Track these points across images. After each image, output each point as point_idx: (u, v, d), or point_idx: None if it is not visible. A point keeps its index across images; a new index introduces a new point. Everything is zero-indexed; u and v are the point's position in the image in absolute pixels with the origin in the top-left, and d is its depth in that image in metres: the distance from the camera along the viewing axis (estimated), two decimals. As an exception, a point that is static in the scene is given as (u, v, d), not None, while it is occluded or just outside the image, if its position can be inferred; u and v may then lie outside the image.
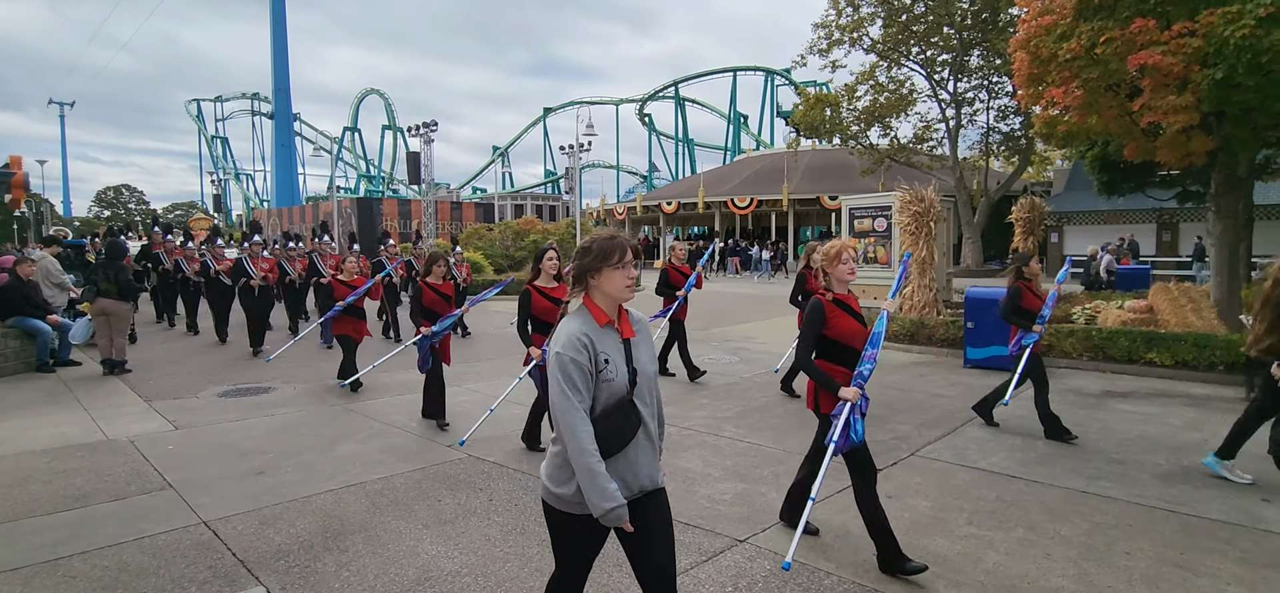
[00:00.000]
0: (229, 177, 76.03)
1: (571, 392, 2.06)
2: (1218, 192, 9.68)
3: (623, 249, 2.19)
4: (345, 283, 7.95)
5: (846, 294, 3.58)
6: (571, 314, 2.22)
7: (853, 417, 3.35)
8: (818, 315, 3.50)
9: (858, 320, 3.53)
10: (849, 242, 3.51)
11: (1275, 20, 6.92)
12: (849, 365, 3.47)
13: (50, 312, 9.18)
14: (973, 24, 22.20)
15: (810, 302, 3.57)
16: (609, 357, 2.13)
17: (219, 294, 11.33)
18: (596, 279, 2.20)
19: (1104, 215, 24.23)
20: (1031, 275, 6.00)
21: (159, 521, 4.12)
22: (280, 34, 60.43)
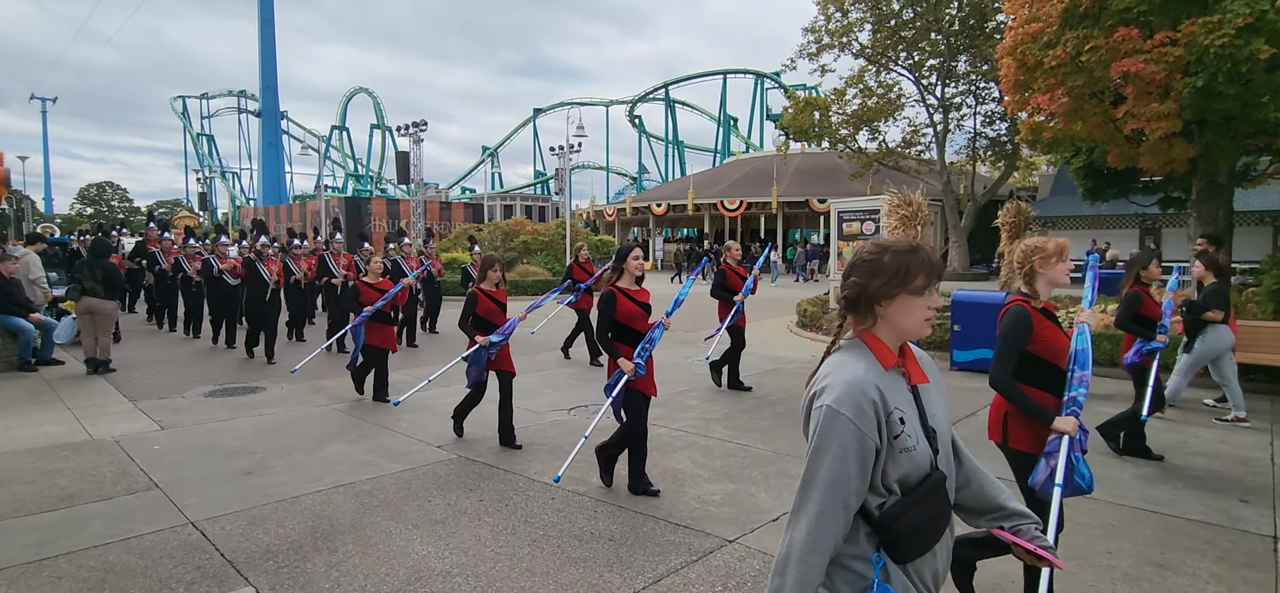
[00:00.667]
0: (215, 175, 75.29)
1: (838, 486, 1.38)
2: (1199, 198, 9.85)
3: (929, 268, 1.52)
4: (373, 285, 7.21)
5: (1050, 302, 3.01)
6: (845, 350, 1.55)
7: (1074, 455, 2.74)
8: (1023, 326, 2.88)
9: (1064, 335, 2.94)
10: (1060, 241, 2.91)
11: (1253, 30, 7.06)
12: (1056, 390, 2.86)
13: (33, 310, 9.06)
14: (960, 30, 22.42)
15: (1012, 310, 2.95)
16: (903, 414, 1.46)
17: (223, 296, 10.65)
18: (887, 308, 1.53)
19: (1088, 220, 24.54)
20: (1149, 281, 5.50)
21: (146, 521, 4.10)
22: (268, 31, 59.94)
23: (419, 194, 30.69)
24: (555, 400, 7.30)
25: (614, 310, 4.37)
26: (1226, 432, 6.09)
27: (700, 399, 7.34)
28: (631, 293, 4.51)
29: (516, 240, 24.46)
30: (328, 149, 75.45)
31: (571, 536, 3.92)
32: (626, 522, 4.11)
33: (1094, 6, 8.16)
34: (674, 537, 3.91)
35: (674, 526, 4.06)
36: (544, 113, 71.30)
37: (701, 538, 3.89)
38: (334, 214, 37.00)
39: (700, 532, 3.97)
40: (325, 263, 10.73)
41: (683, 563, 3.60)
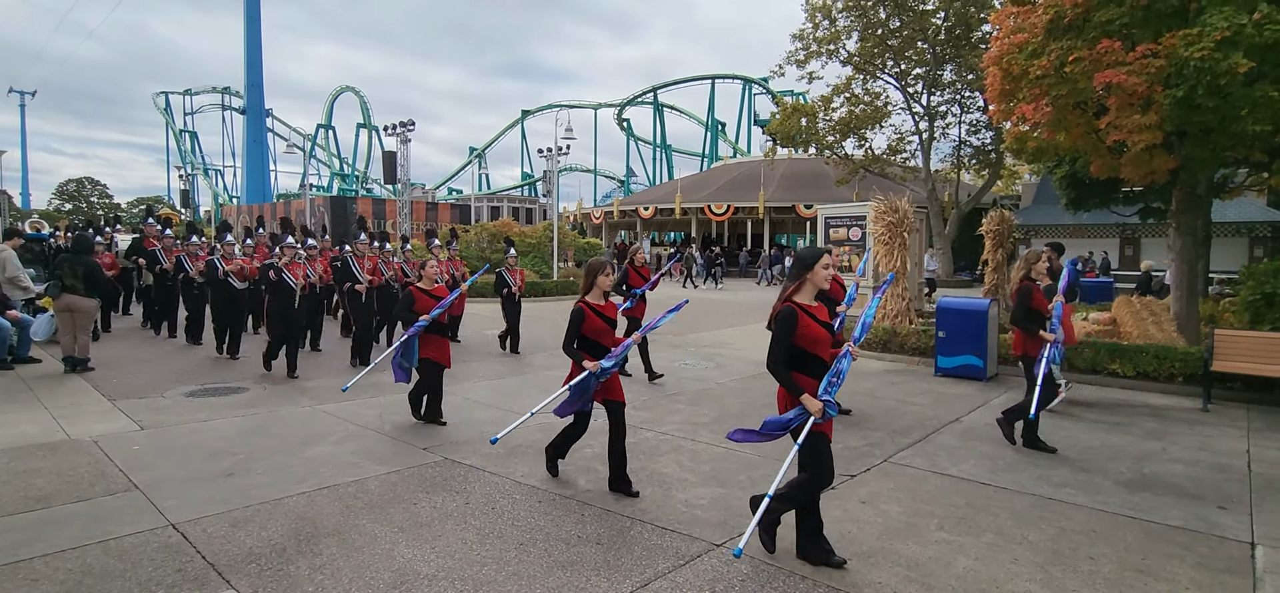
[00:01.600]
0: (197, 172, 74.32)
1: None
2: (1178, 209, 10.00)
3: None
4: (428, 292, 6.27)
5: None
6: None
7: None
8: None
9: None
10: None
11: (1232, 43, 7.18)
12: None
13: (9, 307, 8.89)
14: (946, 40, 22.67)
15: None
16: None
17: (228, 302, 9.71)
18: None
19: (1070, 229, 24.87)
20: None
21: (125, 522, 4.03)
22: (254, 27, 59.37)
23: (405, 195, 30.50)
24: (542, 403, 7.26)
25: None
26: (1204, 438, 6.19)
27: (686, 403, 7.34)
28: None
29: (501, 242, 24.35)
30: (313, 148, 74.80)
31: (559, 539, 3.90)
32: (614, 525, 4.10)
33: (1078, 18, 8.26)
34: (661, 541, 3.91)
35: (661, 529, 4.05)
36: (532, 115, 71.24)
37: (689, 542, 3.89)
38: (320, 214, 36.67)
39: (687, 536, 3.97)
40: (347, 266, 9.61)
41: (670, 567, 3.59)
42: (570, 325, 4.51)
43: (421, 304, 6.18)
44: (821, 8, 22.92)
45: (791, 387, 3.43)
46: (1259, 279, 8.40)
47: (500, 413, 6.79)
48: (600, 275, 4.66)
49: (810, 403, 3.41)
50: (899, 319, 11.03)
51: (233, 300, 9.76)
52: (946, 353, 9.03)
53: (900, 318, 11.06)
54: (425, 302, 6.20)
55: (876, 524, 4.19)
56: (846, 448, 5.73)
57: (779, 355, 3.48)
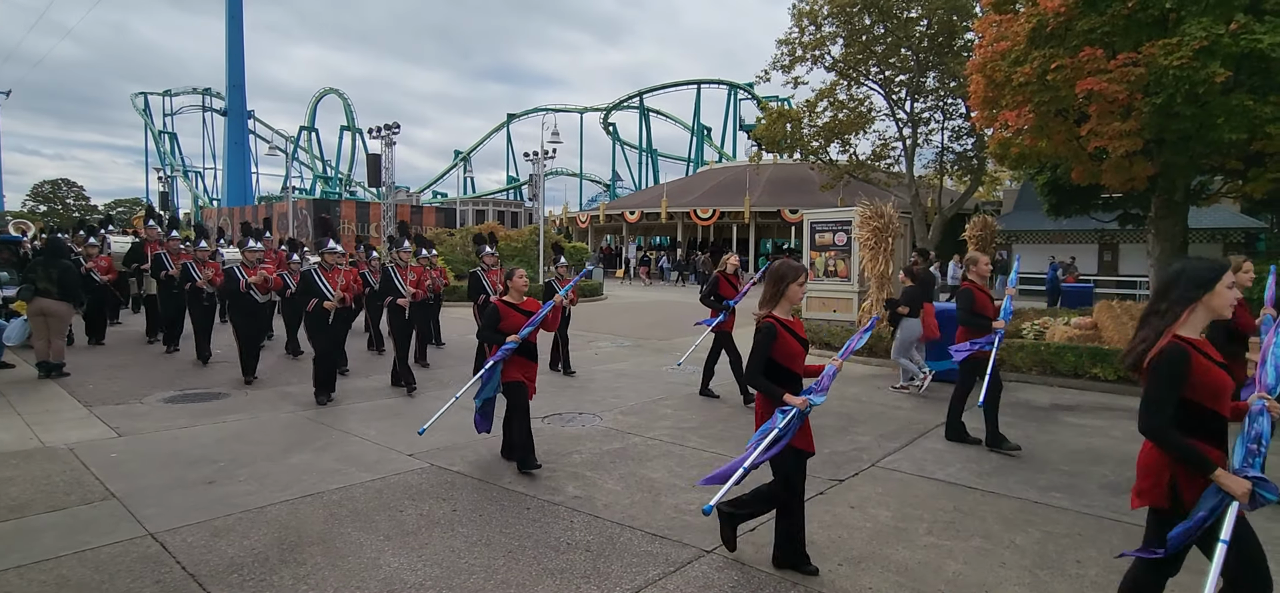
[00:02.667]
0: (177, 173, 73.26)
1: None
2: (1157, 215, 10.18)
3: None
4: (516, 307, 5.25)
5: None
6: None
7: None
8: None
9: None
10: None
11: (1209, 53, 7.33)
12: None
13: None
14: (929, 47, 22.90)
15: None
16: None
17: (249, 316, 8.65)
18: None
19: (1050, 235, 25.23)
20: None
21: (102, 532, 3.93)
22: (236, 27, 58.71)
23: (390, 197, 30.27)
24: (529, 408, 7.21)
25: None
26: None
27: (675, 408, 7.33)
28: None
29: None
30: (296, 150, 74.06)
31: (547, 546, 3.86)
32: (603, 532, 4.07)
33: (1060, 27, 8.39)
34: (651, 547, 3.88)
35: (651, 536, 4.03)
36: (518, 118, 71.05)
37: (679, 548, 3.87)
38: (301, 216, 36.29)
39: (677, 542, 3.95)
40: (388, 277, 8.38)
41: (660, 574, 3.57)
42: (755, 348, 3.47)
43: (510, 321, 5.15)
44: (808, 13, 23.08)
45: (772, 393, 3.39)
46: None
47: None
48: (793, 284, 3.54)
49: (793, 399, 3.34)
50: (884, 324, 11.09)
51: (255, 315, 8.77)
52: (933, 357, 9.08)
53: (885, 323, 11.12)
54: (514, 319, 5.16)
55: (866, 529, 4.19)
56: (835, 453, 5.74)
57: (758, 366, 3.46)
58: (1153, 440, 2.49)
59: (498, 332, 5.13)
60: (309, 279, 7.49)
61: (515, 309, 5.23)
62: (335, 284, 7.42)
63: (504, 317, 5.17)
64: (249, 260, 8.75)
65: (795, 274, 3.57)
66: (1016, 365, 9.20)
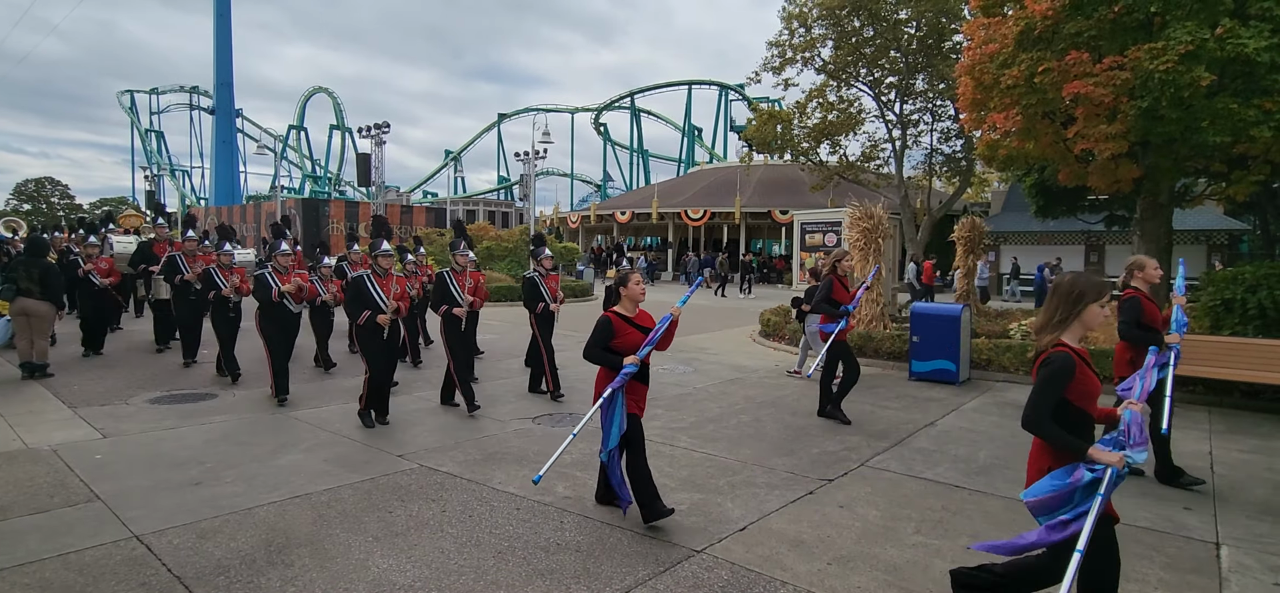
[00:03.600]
0: (164, 172, 72.58)
1: None
2: (1142, 216, 10.29)
3: None
4: (632, 321, 4.21)
5: None
6: None
7: None
8: None
9: None
10: None
11: (1194, 57, 7.42)
12: None
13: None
14: (918, 49, 23.04)
15: None
16: None
17: (283, 327, 7.60)
18: None
19: (1037, 236, 25.45)
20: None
21: (86, 535, 3.89)
22: (224, 25, 58.21)
23: (380, 197, 30.12)
24: (519, 410, 7.21)
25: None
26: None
27: (665, 408, 7.33)
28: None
29: (479, 246, 24.16)
30: (285, 149, 73.56)
31: (537, 547, 3.86)
32: (593, 532, 4.07)
33: (1047, 30, 8.47)
34: (641, 547, 3.88)
35: (641, 536, 4.03)
36: (509, 118, 70.94)
37: (669, 549, 3.87)
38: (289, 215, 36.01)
39: (667, 542, 3.95)
40: (445, 284, 7.35)
41: (650, 574, 3.57)
42: (1044, 385, 2.75)
43: (625, 339, 4.12)
44: (798, 16, 23.17)
45: (1072, 447, 2.70)
46: (1218, 286, 8.66)
47: (481, 420, 6.71)
48: (1093, 304, 2.81)
49: (1103, 455, 2.64)
50: (874, 324, 11.16)
51: (288, 327, 7.68)
52: (920, 358, 9.14)
53: (875, 323, 11.19)
54: (630, 336, 4.14)
55: (855, 528, 4.21)
56: (824, 452, 5.77)
57: (1045, 410, 2.77)
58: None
59: (609, 352, 4.10)
60: (360, 287, 6.49)
61: (630, 324, 4.19)
62: (388, 292, 6.51)
63: (618, 332, 4.14)
64: (280, 265, 7.61)
65: (1097, 291, 2.79)
66: (1004, 366, 9.27)
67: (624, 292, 4.22)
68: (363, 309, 6.38)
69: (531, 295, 7.93)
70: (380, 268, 6.64)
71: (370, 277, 6.54)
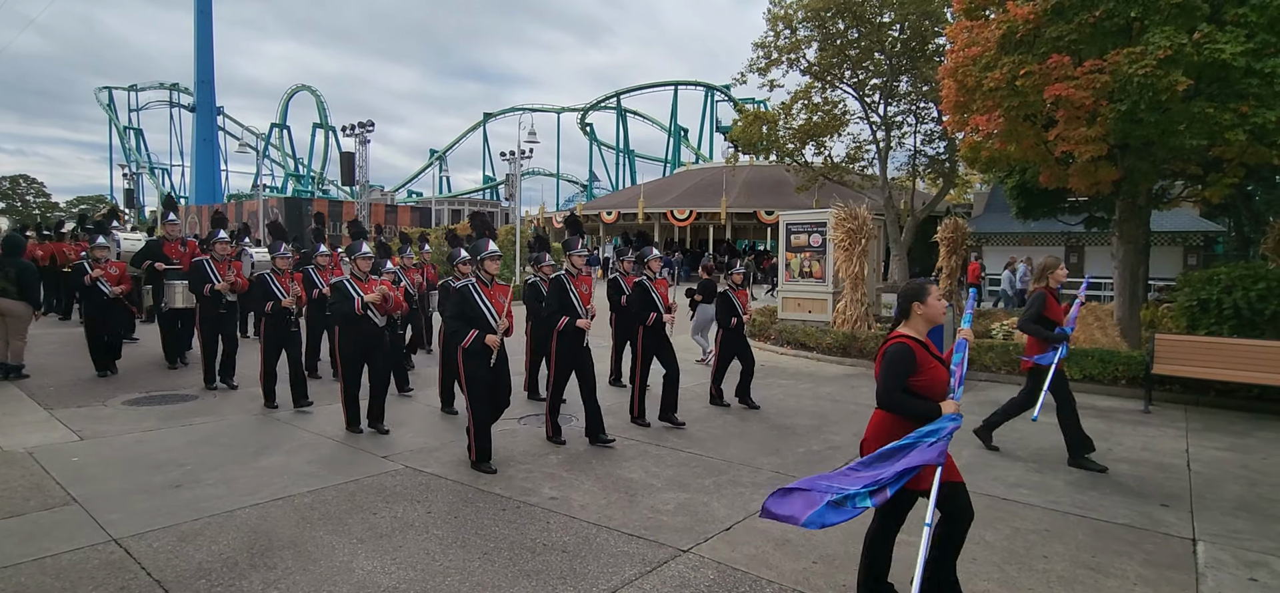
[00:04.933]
0: (143, 171, 71.48)
1: None
2: (1121, 218, 10.43)
3: None
4: (932, 350, 3.14)
5: None
6: None
7: None
8: None
9: None
10: None
11: (1172, 62, 7.53)
12: None
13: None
14: (902, 52, 23.21)
15: None
16: None
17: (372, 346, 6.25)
18: None
19: (1019, 237, 25.75)
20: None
21: (62, 539, 3.82)
22: (205, 22, 57.49)
23: (364, 196, 29.88)
24: (505, 409, 7.16)
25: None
26: (1146, 438, 6.45)
27: (651, 408, 7.32)
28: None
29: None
30: (267, 148, 72.76)
31: (524, 547, 3.84)
32: (580, 533, 4.06)
33: (1029, 34, 8.55)
34: (628, 547, 3.88)
35: (628, 536, 4.03)
36: (494, 118, 70.61)
37: (655, 548, 3.88)
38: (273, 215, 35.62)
39: (654, 542, 3.95)
40: (564, 290, 5.95)
41: (637, 574, 3.57)
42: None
43: (930, 374, 3.03)
44: (783, 17, 23.26)
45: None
46: (1194, 286, 8.81)
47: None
48: None
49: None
50: (859, 324, 11.23)
51: (374, 339, 6.20)
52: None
53: (860, 323, 11.26)
54: (936, 372, 3.05)
55: (841, 528, 4.21)
56: (809, 452, 5.80)
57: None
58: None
59: (915, 396, 2.99)
60: (565, 288, 5.86)
61: (932, 355, 3.07)
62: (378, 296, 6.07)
63: (921, 366, 3.02)
64: (279, 267, 7.17)
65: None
66: (986, 365, 9.37)
67: (920, 309, 3.13)
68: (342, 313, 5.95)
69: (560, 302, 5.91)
70: (359, 271, 6.21)
71: (476, 285, 5.31)
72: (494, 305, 5.12)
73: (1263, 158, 8.25)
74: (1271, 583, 3.64)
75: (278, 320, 7.03)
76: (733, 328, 7.45)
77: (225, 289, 7.52)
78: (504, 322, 5.13)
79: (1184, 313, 8.78)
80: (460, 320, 5.10)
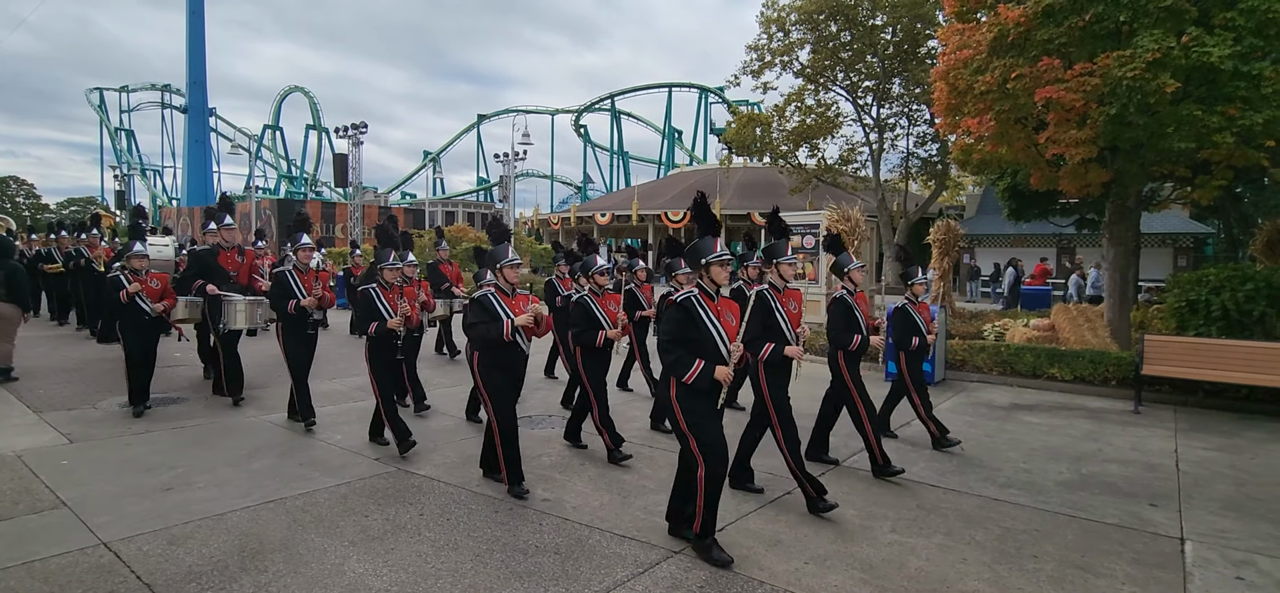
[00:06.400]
0: (134, 172, 71.03)
1: None
2: (1111, 220, 10.51)
3: None
4: None
5: None
6: None
7: None
8: None
9: None
10: None
11: (1160, 65, 7.60)
12: None
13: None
14: (894, 54, 23.32)
15: None
16: None
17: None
18: None
19: (1011, 239, 25.88)
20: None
21: (52, 542, 3.80)
22: (197, 22, 57.15)
23: (357, 198, 29.80)
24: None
25: None
26: (1136, 439, 6.49)
27: (643, 410, 7.33)
28: None
29: (459, 247, 23.99)
30: (259, 149, 72.42)
31: (516, 549, 3.84)
32: (572, 534, 4.06)
33: (1020, 37, 8.61)
34: (620, 548, 3.89)
35: (620, 537, 4.03)
36: (489, 119, 70.49)
37: (647, 549, 3.88)
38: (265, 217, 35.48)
39: (646, 543, 3.96)
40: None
41: (629, 575, 3.57)
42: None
43: None
44: (775, 20, 23.34)
45: None
46: (1183, 287, 8.88)
47: (452, 418, 6.67)
48: None
49: None
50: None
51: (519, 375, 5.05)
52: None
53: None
54: None
55: (831, 528, 4.25)
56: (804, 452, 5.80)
57: None
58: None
59: None
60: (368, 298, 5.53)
61: None
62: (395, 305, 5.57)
63: None
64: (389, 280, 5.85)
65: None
66: (978, 366, 9.42)
67: None
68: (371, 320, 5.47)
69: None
70: (385, 281, 5.65)
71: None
72: (514, 313, 4.75)
73: (1251, 160, 8.32)
74: (1258, 582, 3.68)
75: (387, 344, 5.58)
76: None
77: (313, 306, 6.26)
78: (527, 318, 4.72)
79: (1173, 314, 8.85)
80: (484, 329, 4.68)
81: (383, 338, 5.46)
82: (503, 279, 4.80)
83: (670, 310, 3.83)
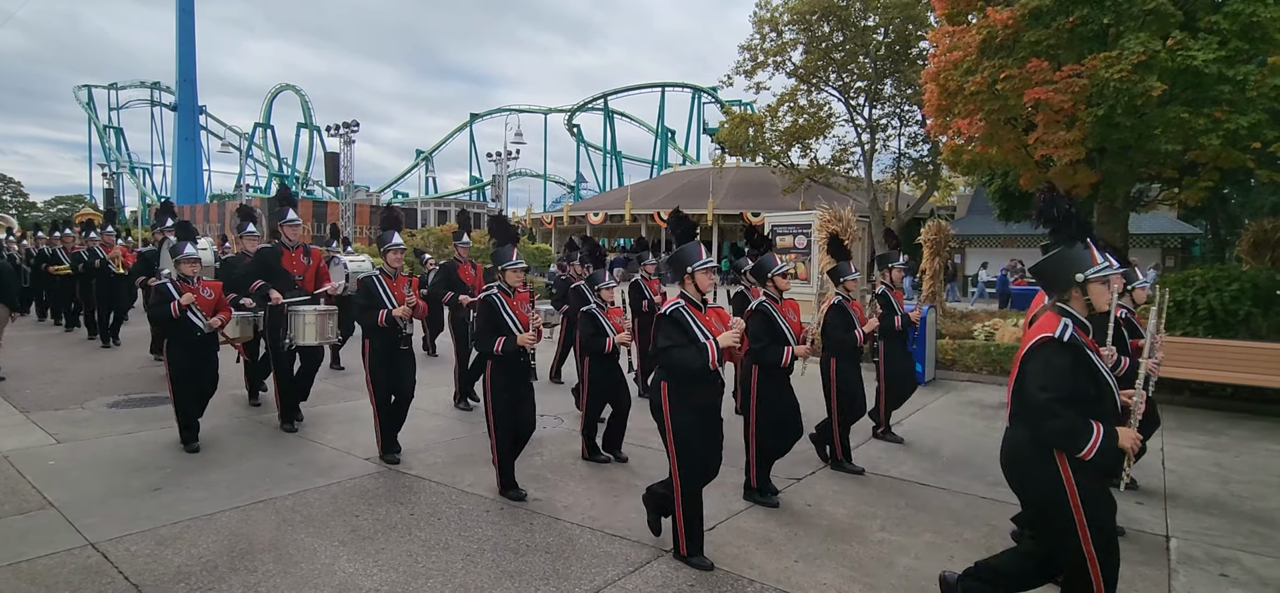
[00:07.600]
0: (123, 170, 70.48)
1: None
2: (1099, 220, 10.60)
3: None
4: None
5: None
6: None
7: None
8: None
9: None
10: None
11: (1147, 67, 7.69)
12: None
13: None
14: (886, 55, 23.41)
15: None
16: None
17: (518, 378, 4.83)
18: None
19: (1001, 239, 26.07)
20: None
21: (39, 543, 3.78)
22: (187, 20, 56.83)
23: (349, 197, 29.68)
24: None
25: None
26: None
27: (635, 408, 7.34)
28: None
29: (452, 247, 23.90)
30: (250, 147, 72.00)
31: (506, 549, 3.85)
32: (563, 534, 4.07)
33: (1009, 39, 8.70)
34: (610, 548, 3.90)
35: (610, 536, 4.05)
36: (481, 118, 70.36)
37: (638, 548, 3.89)
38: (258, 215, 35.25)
39: (637, 542, 3.97)
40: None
41: (620, 574, 3.59)
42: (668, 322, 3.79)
43: None
44: (768, 21, 23.39)
45: None
46: (1171, 288, 8.96)
47: (441, 418, 6.66)
48: None
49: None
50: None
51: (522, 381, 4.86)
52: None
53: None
54: None
55: (821, 526, 4.28)
56: (795, 451, 5.82)
57: None
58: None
59: None
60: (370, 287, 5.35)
61: None
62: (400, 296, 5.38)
63: None
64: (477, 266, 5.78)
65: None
66: (968, 366, 9.48)
67: None
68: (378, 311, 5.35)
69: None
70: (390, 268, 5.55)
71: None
72: (518, 317, 4.69)
73: (1237, 161, 8.42)
74: (1241, 578, 3.73)
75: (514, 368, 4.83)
76: None
77: (405, 314, 5.38)
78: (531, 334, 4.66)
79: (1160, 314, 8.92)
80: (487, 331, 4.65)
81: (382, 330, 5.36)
82: (505, 281, 4.77)
83: (661, 323, 3.79)
